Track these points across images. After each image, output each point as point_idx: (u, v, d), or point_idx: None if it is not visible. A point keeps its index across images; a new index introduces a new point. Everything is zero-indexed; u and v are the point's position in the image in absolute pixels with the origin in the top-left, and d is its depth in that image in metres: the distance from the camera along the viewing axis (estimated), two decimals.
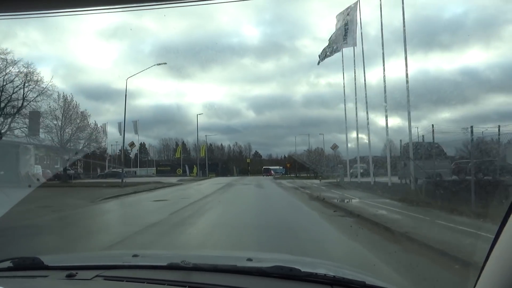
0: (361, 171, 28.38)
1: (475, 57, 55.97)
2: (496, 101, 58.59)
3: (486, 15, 52.83)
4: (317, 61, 30.10)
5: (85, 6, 1.65)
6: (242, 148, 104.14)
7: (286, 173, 66.05)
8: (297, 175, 53.30)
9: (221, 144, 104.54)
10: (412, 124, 20.56)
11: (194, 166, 68.68)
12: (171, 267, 1.89)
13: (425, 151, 18.18)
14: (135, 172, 76.49)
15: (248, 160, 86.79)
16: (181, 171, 66.63)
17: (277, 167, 74.67)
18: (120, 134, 59.76)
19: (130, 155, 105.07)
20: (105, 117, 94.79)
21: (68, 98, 35.97)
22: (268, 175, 65.34)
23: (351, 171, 30.26)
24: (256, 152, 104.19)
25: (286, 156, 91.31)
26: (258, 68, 79.42)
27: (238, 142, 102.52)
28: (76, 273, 1.80)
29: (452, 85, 51.23)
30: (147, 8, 1.74)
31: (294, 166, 62.51)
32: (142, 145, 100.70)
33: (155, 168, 71.64)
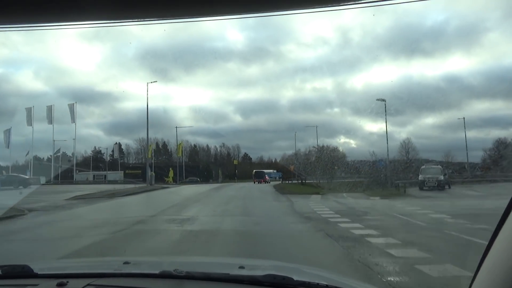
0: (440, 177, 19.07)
1: (457, 64, 59.91)
2: (480, 107, 62.81)
3: (467, 23, 55.57)
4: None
5: (75, 20, 1.61)
6: (230, 150, 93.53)
7: (283, 178, 53.05)
8: (303, 182, 41.95)
9: (207, 145, 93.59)
10: (398, 129, 18.38)
11: (171, 169, 57.18)
12: (164, 275, 1.87)
13: None
14: (105, 176, 66.30)
15: (235, 162, 75.00)
16: (152, 176, 55.01)
17: (271, 170, 63.22)
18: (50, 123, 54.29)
19: (104, 157, 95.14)
20: (90, 120, 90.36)
21: None
22: (262, 182, 52.30)
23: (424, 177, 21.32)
24: (246, 155, 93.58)
25: (277, 160, 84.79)
26: (243, 73, 79.44)
27: (226, 143, 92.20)
28: (67, 281, 1.76)
29: (435, 91, 50.59)
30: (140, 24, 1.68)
31: (294, 170, 50.28)
32: (118, 146, 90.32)
33: (122, 172, 59.85)
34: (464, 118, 44.41)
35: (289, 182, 46.81)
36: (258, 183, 51.94)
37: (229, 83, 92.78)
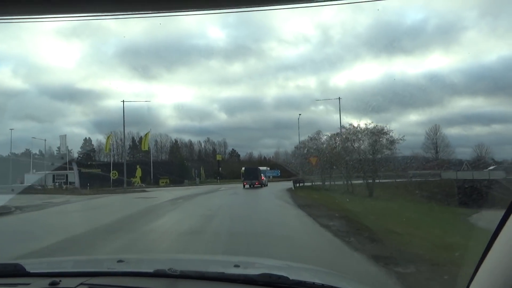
0: None
1: (437, 62, 57.80)
2: (461, 105, 61.00)
3: (445, 22, 55.08)
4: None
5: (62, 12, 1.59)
6: (215, 145, 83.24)
7: (297, 181, 37.58)
8: (313, 183, 32.00)
9: (190, 141, 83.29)
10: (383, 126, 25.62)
11: (138, 167, 46.63)
12: (158, 274, 1.83)
13: None
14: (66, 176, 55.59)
15: (218, 157, 64.29)
16: (118, 175, 44.49)
17: (265, 168, 52.29)
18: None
19: (72, 154, 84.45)
20: (72, 118, 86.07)
21: None
22: (256, 184, 37.95)
23: None
24: (233, 151, 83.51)
25: (268, 157, 75.83)
26: (226, 70, 78.28)
27: (211, 138, 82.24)
28: (60, 280, 1.72)
29: (417, 89, 48.61)
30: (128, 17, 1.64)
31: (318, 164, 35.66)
32: (87, 141, 79.67)
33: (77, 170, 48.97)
34: None
35: (300, 185, 33.62)
36: (251, 186, 37.07)
37: (213, 81, 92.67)
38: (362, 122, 29.64)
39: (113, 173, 44.99)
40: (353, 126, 28.55)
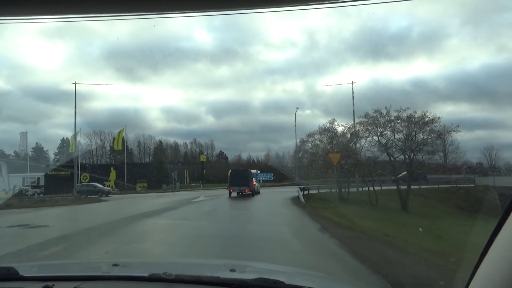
0: None
1: (422, 68, 61.93)
2: (446, 110, 65.01)
3: (428, 29, 58.45)
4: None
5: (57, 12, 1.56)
6: (202, 147, 78.48)
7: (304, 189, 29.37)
8: (319, 190, 26.47)
9: (175, 142, 78.51)
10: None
11: (112, 169, 41.59)
12: (153, 278, 1.79)
13: None
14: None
15: (202, 158, 59.24)
16: (90, 178, 39.57)
17: (256, 171, 45.78)
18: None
19: (47, 155, 78.95)
20: (57, 119, 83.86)
21: None
22: (247, 192, 29.69)
23: None
24: (221, 153, 78.85)
25: (257, 160, 70.91)
26: (214, 73, 78.84)
27: (198, 140, 77.83)
28: (53, 285, 1.69)
29: (402, 94, 50.88)
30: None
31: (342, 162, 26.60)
32: (64, 141, 74.28)
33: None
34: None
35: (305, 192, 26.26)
36: (239, 194, 29.64)
37: (200, 84, 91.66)
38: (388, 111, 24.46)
39: (83, 176, 39.82)
40: (380, 113, 21.65)
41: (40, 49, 69.69)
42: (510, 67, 51.06)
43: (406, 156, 20.63)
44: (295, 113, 47.92)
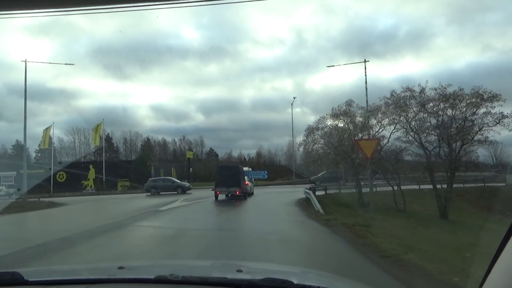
0: None
1: (409, 66, 61.89)
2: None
3: (415, 28, 58.68)
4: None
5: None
6: (192, 144, 75.73)
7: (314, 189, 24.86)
8: (326, 191, 23.05)
9: (163, 139, 75.68)
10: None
11: (91, 167, 38.71)
12: (159, 280, 1.76)
13: None
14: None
15: (188, 155, 56.45)
16: (66, 177, 36.81)
17: (248, 168, 42.84)
18: None
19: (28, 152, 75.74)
20: (43, 117, 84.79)
21: None
22: (238, 193, 24.40)
23: None
24: (211, 151, 76.08)
25: (249, 157, 68.53)
26: (202, 71, 78.77)
27: (187, 137, 75.21)
28: None
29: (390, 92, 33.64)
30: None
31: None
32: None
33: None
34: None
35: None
36: (228, 196, 24.76)
37: (189, 82, 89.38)
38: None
39: (59, 174, 36.88)
40: (412, 91, 17.46)
41: (25, 45, 68.00)
42: (495, 66, 53.58)
43: (445, 149, 16.42)
44: (292, 104, 45.73)
